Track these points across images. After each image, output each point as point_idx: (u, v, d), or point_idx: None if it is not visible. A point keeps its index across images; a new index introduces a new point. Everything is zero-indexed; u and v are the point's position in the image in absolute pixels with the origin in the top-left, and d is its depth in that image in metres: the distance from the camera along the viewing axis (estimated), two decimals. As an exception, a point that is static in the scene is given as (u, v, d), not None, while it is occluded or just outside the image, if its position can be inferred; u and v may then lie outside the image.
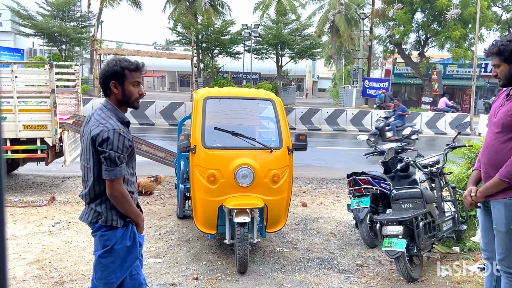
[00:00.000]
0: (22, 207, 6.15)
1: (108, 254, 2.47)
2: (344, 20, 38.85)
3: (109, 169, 2.35)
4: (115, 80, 2.44)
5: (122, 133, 2.38)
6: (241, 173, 4.17)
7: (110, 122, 2.39)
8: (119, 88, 2.45)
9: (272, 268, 4.32)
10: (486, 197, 2.80)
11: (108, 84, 2.45)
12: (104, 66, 2.50)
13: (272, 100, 4.67)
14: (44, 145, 6.77)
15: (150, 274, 4.07)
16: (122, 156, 2.37)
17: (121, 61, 2.45)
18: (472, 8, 24.12)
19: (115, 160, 2.34)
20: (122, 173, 2.38)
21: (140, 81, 2.50)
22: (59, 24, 31.56)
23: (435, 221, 4.32)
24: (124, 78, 2.43)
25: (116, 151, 2.34)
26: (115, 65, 2.43)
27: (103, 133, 2.34)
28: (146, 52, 25.84)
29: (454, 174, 5.43)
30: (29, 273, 4.03)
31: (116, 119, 2.43)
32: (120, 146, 2.36)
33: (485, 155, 2.84)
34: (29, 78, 7.15)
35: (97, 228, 2.49)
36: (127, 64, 2.44)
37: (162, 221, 5.72)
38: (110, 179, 2.36)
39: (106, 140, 2.33)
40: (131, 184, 2.56)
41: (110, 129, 2.36)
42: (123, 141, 2.37)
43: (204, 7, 31.53)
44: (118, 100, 2.48)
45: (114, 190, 2.38)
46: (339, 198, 7.32)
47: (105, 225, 2.45)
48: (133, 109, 2.60)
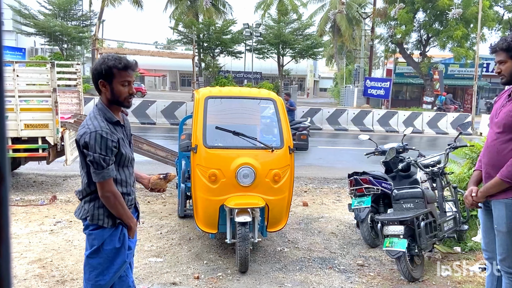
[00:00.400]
0: (23, 206, 6.16)
1: (96, 255, 2.43)
2: (346, 20, 38.80)
3: (96, 172, 2.32)
4: (103, 79, 2.35)
5: (105, 134, 2.31)
6: (242, 173, 4.17)
7: (94, 123, 2.33)
8: (108, 87, 2.37)
9: (273, 267, 4.32)
10: (487, 197, 2.80)
11: (97, 83, 2.39)
12: (95, 63, 2.43)
13: (273, 100, 4.67)
14: (46, 144, 6.78)
15: (151, 273, 4.08)
16: (107, 157, 2.31)
17: (109, 59, 2.34)
18: (474, 7, 24.09)
19: (100, 162, 2.29)
20: (110, 174, 2.33)
21: (130, 80, 2.41)
22: (61, 23, 31.61)
23: (436, 221, 4.32)
24: (112, 77, 2.35)
25: (100, 153, 2.29)
26: (102, 63, 2.34)
27: (85, 136, 2.30)
28: (147, 51, 25.82)
29: (455, 174, 5.42)
30: (31, 272, 4.04)
31: (103, 119, 2.37)
32: (103, 148, 2.30)
33: (486, 155, 2.84)
34: (31, 77, 7.16)
35: (86, 226, 2.46)
36: (115, 63, 2.33)
37: (163, 220, 5.72)
38: (99, 182, 2.34)
39: (88, 144, 2.29)
40: (127, 186, 2.51)
41: (92, 131, 2.30)
42: (106, 143, 2.30)
43: (205, 7, 31.54)
44: (108, 99, 2.41)
45: (105, 191, 2.35)
46: (340, 197, 7.31)
47: (92, 223, 2.42)
48: (127, 108, 2.52)
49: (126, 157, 2.47)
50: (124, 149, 2.45)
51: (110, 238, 2.43)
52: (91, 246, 2.44)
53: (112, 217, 2.43)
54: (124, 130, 2.53)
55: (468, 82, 31.73)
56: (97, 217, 2.41)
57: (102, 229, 2.42)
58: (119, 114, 2.51)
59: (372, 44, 32.09)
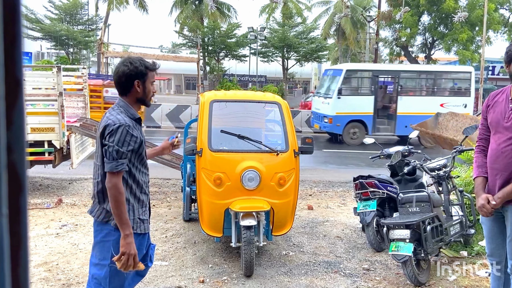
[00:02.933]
0: (29, 209, 6.17)
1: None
2: (350, 23, 38.77)
3: (107, 162, 2.37)
4: (139, 79, 2.49)
5: (128, 128, 2.40)
6: (247, 176, 4.17)
7: (118, 117, 2.43)
8: (141, 87, 2.51)
9: (278, 271, 4.31)
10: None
11: (132, 83, 2.49)
12: (123, 66, 2.50)
13: (278, 103, 4.67)
14: (52, 148, 6.81)
15: (156, 277, 4.08)
16: (122, 150, 2.37)
17: (143, 61, 2.53)
18: (479, 10, 24.00)
19: (113, 153, 2.36)
20: (119, 168, 2.36)
21: (155, 80, 2.62)
22: (67, 27, 31.82)
23: (442, 225, 4.29)
24: (146, 77, 2.52)
25: (117, 144, 2.36)
26: (140, 65, 2.49)
27: (110, 126, 2.39)
28: (152, 55, 25.92)
29: (461, 178, 5.39)
30: (37, 275, 4.05)
31: (126, 115, 2.47)
32: (121, 140, 2.37)
33: (499, 161, 2.77)
34: (37, 81, 7.20)
35: (108, 231, 2.45)
36: (149, 65, 2.54)
37: (168, 224, 5.73)
38: (108, 172, 2.37)
39: (110, 133, 2.38)
40: (142, 187, 2.54)
41: (116, 123, 2.39)
42: (125, 136, 2.38)
43: (210, 11, 31.63)
44: (138, 98, 2.54)
45: (109, 182, 2.38)
46: (345, 201, 7.29)
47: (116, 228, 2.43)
48: (148, 107, 2.70)
49: (144, 152, 2.56)
50: (143, 145, 2.54)
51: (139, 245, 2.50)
52: (115, 252, 2.41)
53: (137, 222, 2.49)
54: (142, 130, 2.62)
55: (473, 85, 31.60)
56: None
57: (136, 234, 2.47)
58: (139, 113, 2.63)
59: (377, 47, 32.03)
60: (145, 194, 2.58)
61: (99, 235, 2.49)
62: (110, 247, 2.42)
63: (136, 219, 2.49)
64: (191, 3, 34.75)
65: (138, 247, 2.45)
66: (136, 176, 2.50)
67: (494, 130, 2.83)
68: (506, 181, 2.73)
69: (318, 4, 41.79)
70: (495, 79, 32.52)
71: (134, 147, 2.43)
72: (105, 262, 2.44)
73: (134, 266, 2.37)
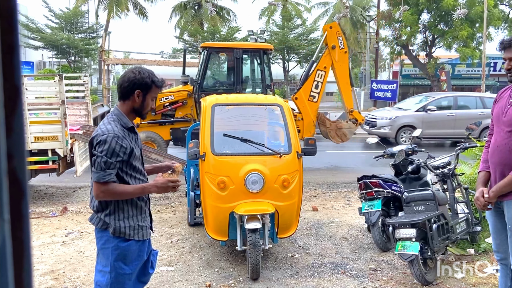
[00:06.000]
0: (35, 218, 6.20)
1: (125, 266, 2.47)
2: (350, 23, 38.78)
3: (95, 172, 2.39)
4: (141, 89, 2.48)
5: (117, 138, 2.38)
6: (251, 179, 4.17)
7: (108, 127, 2.42)
8: (141, 98, 2.50)
9: (285, 274, 4.30)
10: (498, 197, 2.76)
11: (133, 91, 2.47)
12: (131, 72, 2.51)
13: (280, 105, 4.67)
14: (56, 156, 6.84)
15: (163, 282, 4.08)
16: (110, 161, 2.36)
17: (152, 75, 2.53)
18: (478, 7, 23.95)
19: (101, 163, 2.36)
20: (106, 178, 2.37)
21: (157, 97, 2.64)
22: (68, 36, 31.94)
23: (448, 223, 4.27)
24: (148, 90, 2.50)
25: (105, 155, 2.36)
26: (147, 76, 2.49)
27: (98, 137, 2.40)
28: (153, 61, 25.99)
29: (466, 175, 5.36)
30: (43, 283, 4.06)
31: (117, 124, 2.46)
32: (110, 150, 2.36)
33: (497, 155, 2.80)
34: (39, 90, 7.25)
35: (107, 238, 2.47)
36: (157, 80, 2.53)
37: (174, 229, 5.72)
38: (95, 182, 2.39)
39: (98, 143, 2.38)
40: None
41: (105, 133, 2.39)
42: (115, 147, 2.37)
43: (210, 15, 31.75)
44: (134, 107, 2.52)
45: (95, 191, 2.41)
46: (350, 201, 7.27)
47: (116, 236, 2.45)
48: (143, 119, 2.68)
49: (138, 160, 2.55)
50: (135, 153, 2.51)
51: (138, 251, 2.51)
52: (120, 258, 2.44)
53: (135, 230, 2.49)
54: (137, 138, 2.59)
55: (475, 81, 31.48)
56: (118, 231, 2.44)
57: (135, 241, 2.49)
58: (133, 122, 2.61)
59: (377, 46, 32.01)
60: (143, 200, 2.57)
61: (100, 242, 2.50)
62: (109, 254, 2.44)
63: (135, 225, 2.49)
64: (190, 8, 34.92)
65: (138, 254, 2.49)
66: (131, 183, 2.49)
67: (495, 124, 2.85)
68: (502, 175, 2.73)
69: (317, 6, 41.83)
70: (497, 75, 32.42)
71: (123, 158, 2.41)
72: (106, 269, 2.45)
73: (174, 183, 2.55)
